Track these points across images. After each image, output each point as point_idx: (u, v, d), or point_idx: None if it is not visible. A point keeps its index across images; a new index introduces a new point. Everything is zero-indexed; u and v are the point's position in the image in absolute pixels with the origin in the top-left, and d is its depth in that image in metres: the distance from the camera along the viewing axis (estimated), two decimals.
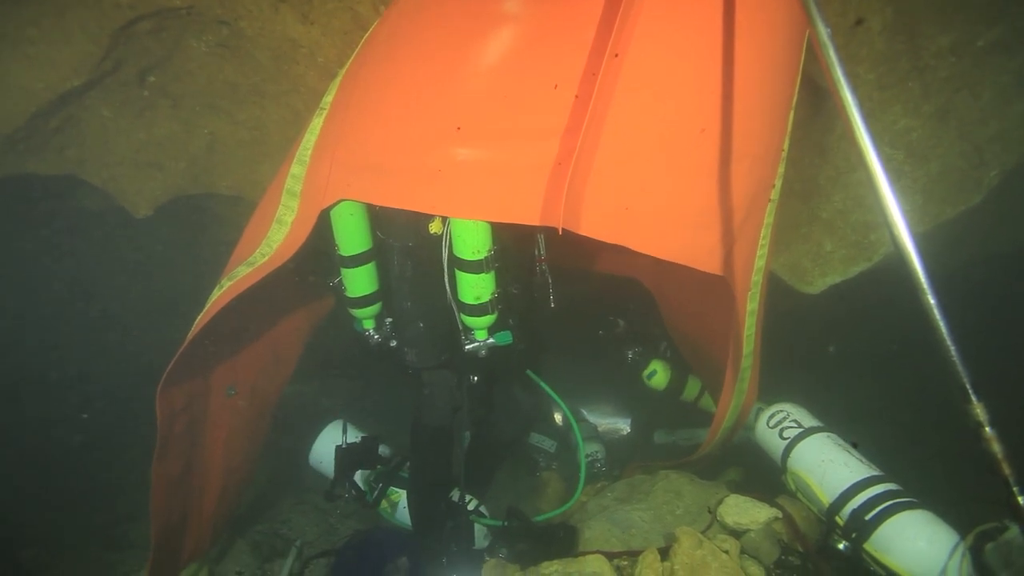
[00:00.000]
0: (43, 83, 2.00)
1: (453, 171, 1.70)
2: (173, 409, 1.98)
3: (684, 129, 1.73)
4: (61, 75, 2.02)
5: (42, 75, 1.99)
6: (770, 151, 1.97)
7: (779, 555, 1.85)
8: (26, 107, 2.03)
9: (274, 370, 2.67)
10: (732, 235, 1.99)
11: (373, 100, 1.84)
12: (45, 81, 2.00)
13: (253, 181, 2.62)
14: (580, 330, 3.37)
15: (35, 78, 1.98)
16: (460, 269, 1.89)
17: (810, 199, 2.69)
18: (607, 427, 4.00)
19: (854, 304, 2.85)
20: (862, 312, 2.99)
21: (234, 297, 1.82)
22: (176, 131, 2.45)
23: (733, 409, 2.32)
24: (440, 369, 2.21)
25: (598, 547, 2.09)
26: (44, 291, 3.37)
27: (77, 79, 2.06)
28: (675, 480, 2.48)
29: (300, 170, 1.89)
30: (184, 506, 2.17)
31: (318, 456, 2.71)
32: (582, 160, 1.58)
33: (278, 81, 2.33)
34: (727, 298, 2.07)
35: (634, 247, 1.73)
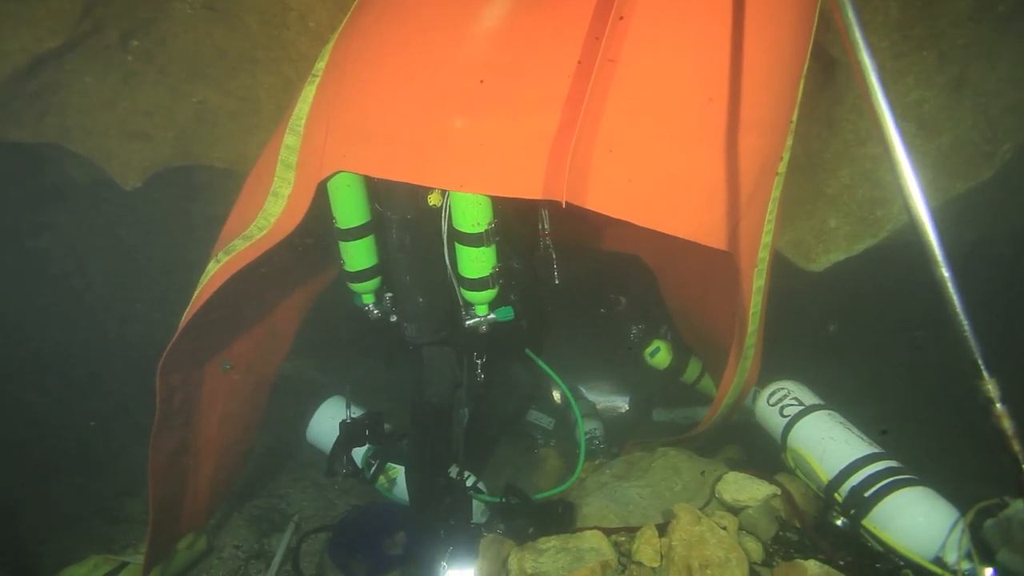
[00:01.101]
0: (17, 43, 1.91)
1: (451, 141, 1.64)
2: (172, 384, 1.95)
3: (691, 97, 1.67)
4: (36, 36, 1.92)
5: (15, 34, 1.89)
6: (779, 122, 1.91)
7: (777, 531, 1.85)
8: (1, 69, 1.94)
9: (271, 345, 2.64)
10: (739, 209, 1.94)
11: (368, 66, 1.77)
12: (19, 41, 1.91)
13: (245, 154, 2.54)
14: (581, 307, 3.33)
15: (7, 37, 1.88)
16: (460, 242, 1.84)
17: (815, 174, 2.63)
18: (605, 405, 4.01)
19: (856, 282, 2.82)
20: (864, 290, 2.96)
21: (234, 273, 1.78)
22: (163, 100, 2.36)
23: (735, 387, 2.31)
24: (440, 345, 2.18)
25: (596, 523, 2.09)
26: (31, 264, 3.31)
27: (54, 40, 1.97)
28: (673, 457, 2.48)
29: (294, 140, 1.83)
30: (181, 479, 2.16)
31: (316, 432, 2.70)
32: (585, 130, 1.53)
33: (268, 47, 2.24)
34: (731, 275, 2.03)
35: (639, 222, 1.69)
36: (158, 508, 1.91)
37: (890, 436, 2.00)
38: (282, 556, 2.27)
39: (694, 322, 3.06)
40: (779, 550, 1.77)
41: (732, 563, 1.65)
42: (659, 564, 1.82)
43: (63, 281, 3.46)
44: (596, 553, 1.88)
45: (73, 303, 3.53)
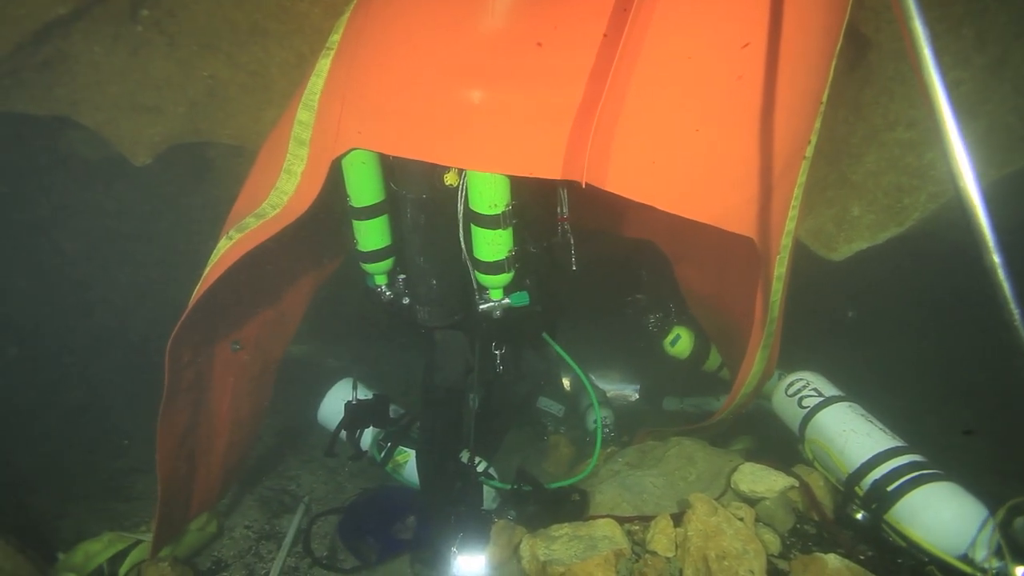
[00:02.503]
0: (24, 9, 1.86)
1: (470, 118, 1.58)
2: (181, 362, 1.93)
3: (721, 75, 1.60)
4: (44, 1, 1.87)
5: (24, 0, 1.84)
6: (809, 103, 1.83)
7: (794, 524, 1.82)
8: (8, 36, 1.89)
9: (279, 326, 2.62)
10: (764, 194, 1.88)
11: (384, 40, 1.71)
12: (26, 7, 1.85)
13: (256, 130, 2.49)
14: (596, 294, 3.28)
15: (16, 3, 1.83)
16: (476, 224, 1.79)
17: (839, 160, 2.56)
18: (615, 393, 3.98)
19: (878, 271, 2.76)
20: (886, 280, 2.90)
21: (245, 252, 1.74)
22: (174, 73, 2.31)
23: (753, 376, 2.26)
24: (453, 329, 2.15)
25: (609, 511, 2.07)
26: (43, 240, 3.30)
27: (62, 7, 1.91)
28: (688, 447, 2.45)
29: (307, 116, 1.78)
30: (191, 459, 2.15)
31: (326, 414, 2.69)
32: (608, 107, 1.47)
33: (281, 19, 2.17)
34: (752, 262, 1.98)
35: (661, 206, 1.63)
36: (167, 487, 1.90)
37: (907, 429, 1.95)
38: (292, 537, 2.27)
39: (711, 310, 3.01)
40: (797, 543, 1.74)
41: (750, 555, 1.62)
42: (674, 554, 1.79)
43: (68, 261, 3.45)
44: (609, 541, 1.85)
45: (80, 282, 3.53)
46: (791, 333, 2.35)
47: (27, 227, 3.22)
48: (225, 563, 2.14)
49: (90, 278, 3.56)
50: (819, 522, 1.80)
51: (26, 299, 3.34)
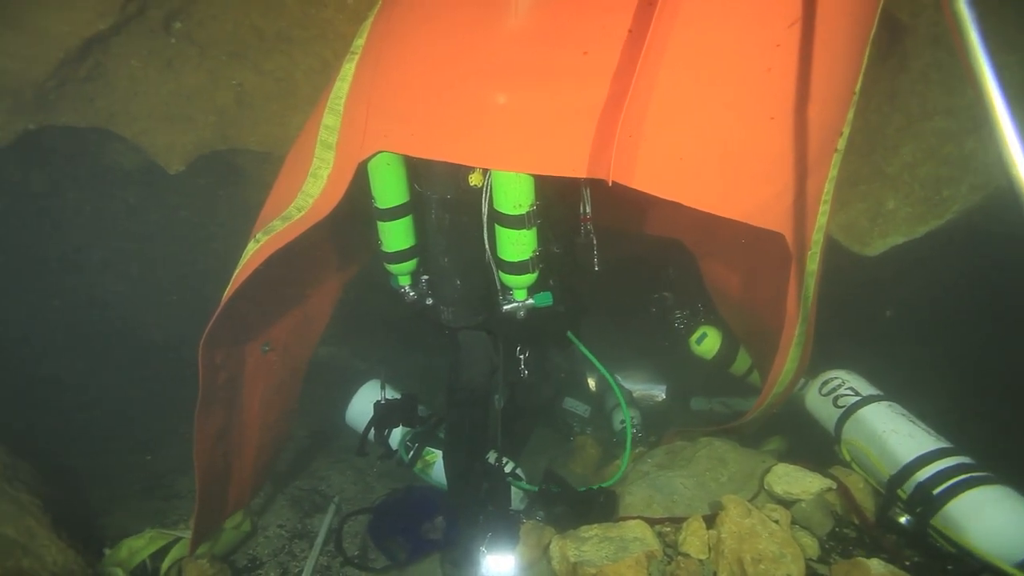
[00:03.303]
0: (68, 26, 1.94)
1: (494, 117, 1.58)
2: (214, 364, 1.98)
3: (750, 68, 1.57)
4: (86, 18, 1.94)
5: (67, 17, 1.92)
6: (842, 93, 1.78)
7: (833, 527, 1.76)
8: (54, 53, 1.98)
9: (305, 328, 2.66)
10: (795, 188, 1.83)
11: (408, 42, 1.72)
12: (70, 24, 1.93)
13: (282, 136, 2.54)
14: (620, 294, 3.25)
15: (60, 20, 1.91)
16: (500, 224, 1.79)
17: (872, 152, 2.48)
18: (641, 393, 3.93)
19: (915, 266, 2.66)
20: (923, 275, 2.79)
21: (271, 253, 1.78)
22: (204, 82, 2.37)
23: (786, 375, 2.21)
24: (477, 330, 2.15)
25: (639, 513, 2.04)
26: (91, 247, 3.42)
27: (102, 23, 1.99)
28: (718, 447, 2.40)
29: (334, 120, 1.80)
30: (226, 458, 2.20)
31: (354, 415, 2.72)
32: (635, 104, 1.45)
33: (305, 26, 2.22)
34: (782, 259, 1.93)
35: (689, 203, 1.60)
36: (204, 486, 1.95)
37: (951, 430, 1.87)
38: (324, 536, 2.30)
39: (739, 308, 2.95)
40: (836, 547, 1.68)
41: (787, 558, 1.57)
42: (707, 556, 1.76)
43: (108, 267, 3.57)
44: (641, 543, 1.83)
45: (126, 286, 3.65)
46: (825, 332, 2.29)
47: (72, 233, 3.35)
48: (260, 561, 2.19)
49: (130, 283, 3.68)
50: (860, 525, 1.74)
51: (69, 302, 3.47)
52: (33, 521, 1.58)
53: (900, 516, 1.69)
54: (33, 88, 2.06)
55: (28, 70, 1.99)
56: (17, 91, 2.05)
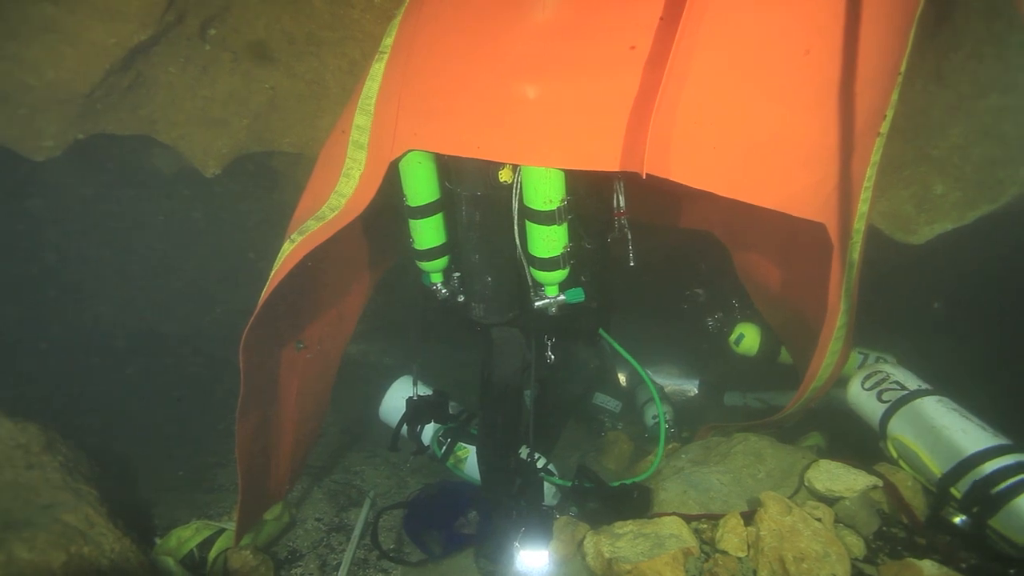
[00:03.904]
0: (114, 38, 2.01)
1: (523, 112, 1.57)
2: (253, 362, 2.03)
3: (786, 51, 1.51)
4: (129, 29, 2.02)
5: (112, 29, 1.99)
6: (885, 74, 1.70)
7: (879, 526, 1.70)
8: (101, 64, 2.06)
9: (338, 325, 2.70)
10: (836, 175, 1.77)
11: (436, 39, 1.72)
12: (116, 36, 2.01)
13: (314, 138, 2.59)
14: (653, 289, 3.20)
15: (106, 32, 1.99)
16: (531, 220, 1.78)
17: (918, 135, 2.37)
18: (673, 388, 3.88)
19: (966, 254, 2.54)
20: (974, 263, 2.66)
21: (307, 253, 1.81)
22: (237, 86, 2.43)
23: (825, 368, 2.14)
24: (508, 326, 2.15)
25: (674, 509, 2.02)
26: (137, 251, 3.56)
27: (144, 33, 2.06)
28: (755, 443, 2.35)
29: (365, 120, 1.82)
30: (264, 452, 2.27)
31: (387, 410, 2.76)
32: (668, 93, 1.41)
33: (334, 27, 2.24)
34: (821, 249, 1.87)
35: (724, 193, 1.56)
36: (246, 478, 2.01)
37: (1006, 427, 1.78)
38: (360, 530, 2.35)
39: (776, 301, 2.87)
40: (884, 546, 1.62)
41: (832, 558, 1.53)
42: (746, 554, 1.72)
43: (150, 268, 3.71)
44: (677, 540, 1.81)
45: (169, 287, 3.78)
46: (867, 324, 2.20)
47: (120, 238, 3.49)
48: (300, 553, 2.24)
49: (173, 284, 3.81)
50: (909, 525, 1.67)
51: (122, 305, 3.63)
52: (92, 511, 1.67)
53: (954, 516, 1.62)
54: (83, 98, 2.15)
55: (78, 81, 2.08)
56: (68, 102, 2.15)
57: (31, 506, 1.60)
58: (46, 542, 1.48)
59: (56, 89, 2.08)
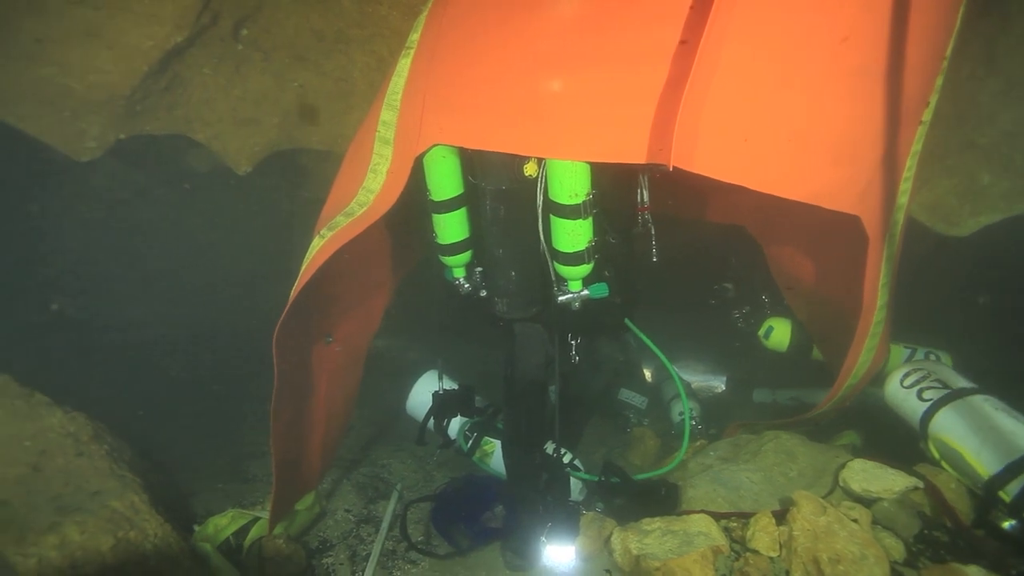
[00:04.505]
0: (151, 41, 2.08)
1: (549, 105, 1.56)
2: (285, 356, 2.08)
3: (823, 38, 1.46)
4: (166, 31, 2.08)
5: (150, 32, 2.07)
6: (930, 59, 1.63)
7: (920, 529, 1.64)
8: (139, 66, 2.14)
9: (365, 319, 2.74)
10: (873, 167, 1.71)
11: (462, 34, 1.72)
12: (153, 39, 2.08)
13: (342, 135, 2.62)
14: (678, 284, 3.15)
15: (144, 36, 2.07)
16: (555, 214, 1.77)
17: (963, 122, 2.27)
18: (700, 384, 3.81)
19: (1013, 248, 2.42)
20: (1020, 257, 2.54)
21: (337, 248, 1.84)
22: (269, 86, 2.48)
23: (860, 366, 2.08)
24: (531, 321, 2.14)
25: (703, 507, 1.99)
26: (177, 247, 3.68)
27: (180, 35, 2.13)
28: (786, 441, 2.30)
29: (391, 116, 1.83)
30: (297, 443, 2.32)
31: (414, 404, 2.79)
32: (696, 84, 1.38)
33: (362, 25, 2.27)
34: (854, 241, 1.81)
35: (755, 186, 1.53)
36: (280, 469, 2.06)
37: None
38: (389, 522, 2.39)
39: (808, 296, 2.79)
40: (925, 550, 1.57)
41: (869, 560, 1.48)
42: (778, 554, 1.69)
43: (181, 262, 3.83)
44: (706, 538, 1.78)
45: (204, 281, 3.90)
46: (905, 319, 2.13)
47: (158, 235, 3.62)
48: (331, 543, 2.29)
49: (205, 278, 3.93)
50: (952, 529, 1.61)
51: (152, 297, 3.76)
52: (136, 498, 1.74)
53: (1003, 521, 1.55)
54: (123, 100, 2.23)
55: (119, 84, 2.16)
56: (109, 103, 2.23)
57: (81, 492, 1.68)
58: (95, 526, 1.56)
59: (98, 91, 2.17)
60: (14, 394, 1.95)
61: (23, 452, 1.75)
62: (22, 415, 1.87)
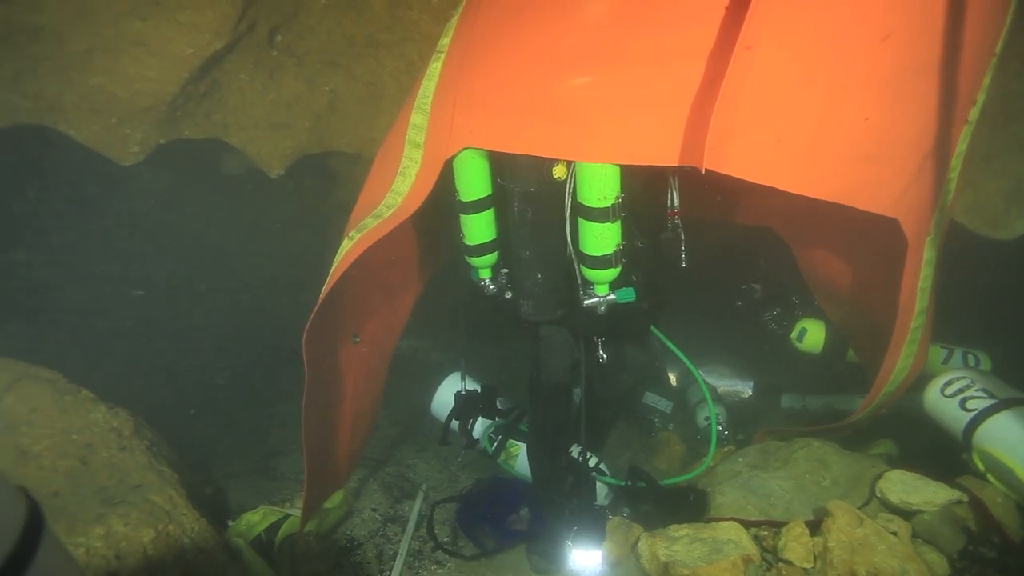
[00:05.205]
0: (192, 48, 2.16)
1: (581, 108, 1.55)
2: (315, 356, 2.11)
3: (863, 37, 1.43)
4: (206, 39, 2.16)
5: (191, 40, 2.14)
6: (978, 56, 1.58)
7: (965, 544, 1.58)
8: (181, 73, 2.22)
9: (391, 320, 2.76)
10: (914, 168, 1.66)
11: (492, 37, 1.73)
12: (194, 46, 2.15)
13: (371, 138, 2.66)
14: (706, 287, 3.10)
15: (186, 44, 2.14)
16: (584, 217, 1.76)
17: (1010, 121, 2.19)
18: (726, 389, 3.73)
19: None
20: None
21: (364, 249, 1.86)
22: (301, 90, 2.54)
23: (898, 372, 2.01)
24: (557, 324, 2.13)
25: (732, 514, 1.95)
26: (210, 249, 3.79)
27: (219, 42, 2.20)
28: (818, 448, 2.24)
29: (421, 119, 1.85)
30: (326, 442, 2.36)
31: (439, 405, 2.81)
32: (732, 84, 1.36)
33: (392, 29, 2.30)
34: (895, 244, 1.75)
35: (789, 188, 1.49)
36: (311, 466, 2.10)
37: None
38: (415, 522, 2.41)
39: (842, 300, 2.72)
40: (971, 567, 1.51)
41: (911, 575, 1.44)
42: (812, 565, 1.65)
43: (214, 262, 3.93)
44: (736, 546, 1.75)
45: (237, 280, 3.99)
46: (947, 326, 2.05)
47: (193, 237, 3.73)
48: (358, 542, 2.32)
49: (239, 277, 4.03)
50: (1000, 545, 1.55)
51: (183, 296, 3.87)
52: (174, 492, 1.80)
53: None
54: (165, 106, 2.32)
55: (161, 90, 2.24)
56: (152, 110, 2.32)
57: (124, 485, 1.74)
58: (138, 519, 1.61)
59: (142, 98, 2.25)
60: (63, 390, 2.04)
61: (72, 445, 1.82)
62: (71, 410, 1.95)
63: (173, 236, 3.64)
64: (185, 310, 3.86)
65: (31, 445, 1.79)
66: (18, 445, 1.77)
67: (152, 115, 2.34)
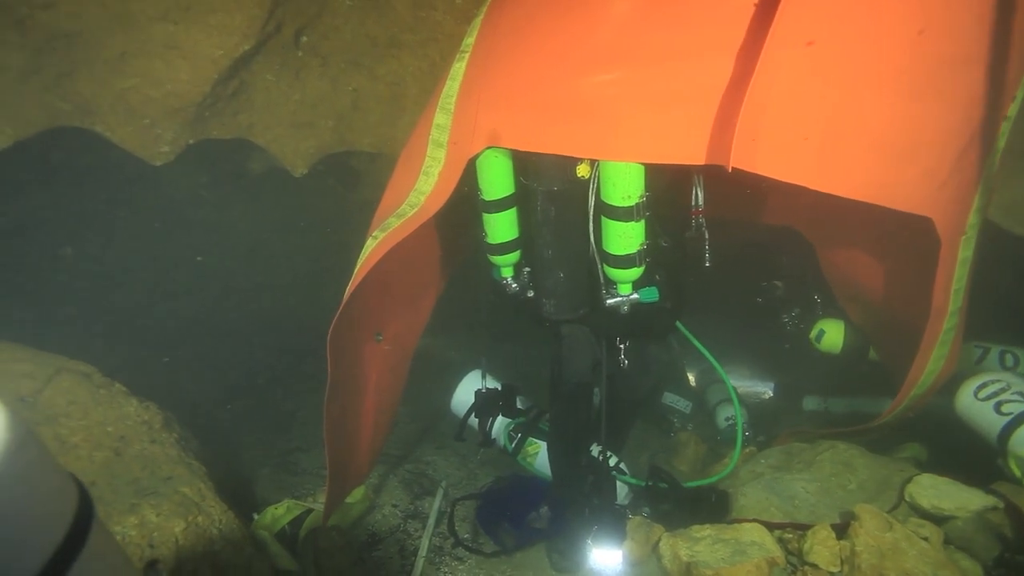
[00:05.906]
0: (222, 50, 2.20)
1: (606, 107, 1.55)
2: (338, 354, 2.14)
3: (897, 32, 1.40)
4: (234, 41, 2.20)
5: (221, 42, 2.19)
6: (1016, 50, 1.53)
7: (1001, 552, 1.55)
8: (210, 74, 2.27)
9: (413, 319, 2.79)
10: (949, 166, 1.62)
11: (516, 36, 1.73)
12: (223, 48, 2.20)
13: (392, 137, 2.68)
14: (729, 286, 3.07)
15: (215, 45, 2.19)
16: (607, 216, 1.75)
17: None
18: (746, 390, 3.69)
19: None
20: None
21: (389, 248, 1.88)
22: (326, 90, 2.57)
23: (928, 375, 1.97)
24: (579, 323, 2.13)
25: (755, 516, 1.94)
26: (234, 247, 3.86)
27: (247, 43, 2.24)
28: (844, 451, 2.21)
29: (444, 119, 1.86)
30: (348, 438, 2.39)
31: (459, 403, 2.83)
32: (760, 82, 1.34)
33: (415, 30, 2.32)
34: (926, 244, 1.71)
35: (817, 187, 1.47)
36: (333, 462, 2.13)
37: None
38: (435, 519, 2.43)
39: (868, 301, 2.67)
40: (1006, 575, 1.48)
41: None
42: (839, 569, 1.63)
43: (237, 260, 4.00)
44: (759, 548, 1.74)
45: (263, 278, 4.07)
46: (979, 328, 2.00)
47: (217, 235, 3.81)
48: (380, 537, 2.35)
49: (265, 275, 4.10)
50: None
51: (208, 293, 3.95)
52: (203, 485, 1.84)
53: None
54: (194, 107, 2.37)
55: (191, 91, 2.30)
56: (182, 110, 2.38)
57: (155, 477, 1.79)
58: (169, 510, 1.66)
59: (173, 99, 2.31)
60: (99, 383, 2.11)
61: (107, 437, 1.88)
62: (105, 403, 2.02)
63: (199, 235, 3.72)
64: (209, 308, 3.94)
65: (69, 436, 1.86)
66: (58, 435, 1.84)
67: (182, 115, 2.39)
